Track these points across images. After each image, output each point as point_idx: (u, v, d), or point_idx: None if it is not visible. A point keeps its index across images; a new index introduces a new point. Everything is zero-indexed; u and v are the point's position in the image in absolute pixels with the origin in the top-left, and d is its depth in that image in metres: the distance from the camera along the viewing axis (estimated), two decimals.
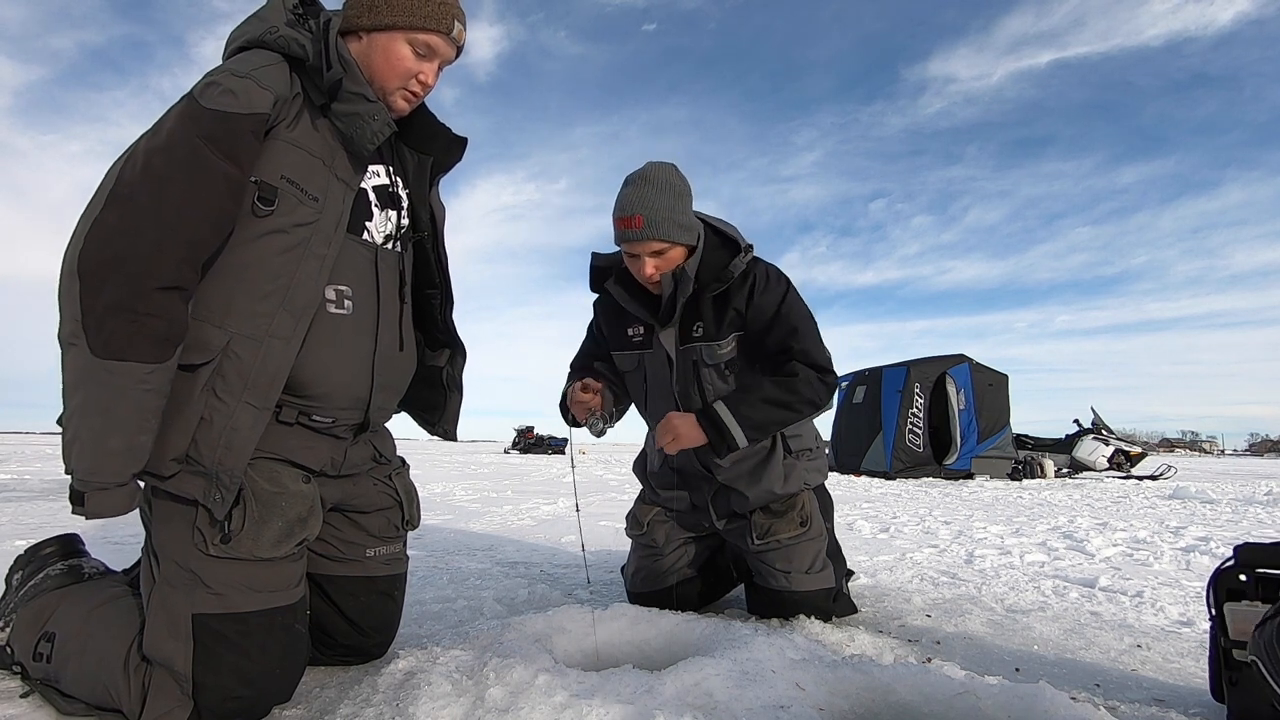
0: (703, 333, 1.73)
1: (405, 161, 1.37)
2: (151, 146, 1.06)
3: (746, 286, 1.71)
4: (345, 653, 1.39)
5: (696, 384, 1.74)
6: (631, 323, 1.83)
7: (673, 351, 1.75)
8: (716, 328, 1.72)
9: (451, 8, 1.26)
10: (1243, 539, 3.01)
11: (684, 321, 1.75)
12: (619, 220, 1.62)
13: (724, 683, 1.14)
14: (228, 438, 1.10)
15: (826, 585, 1.74)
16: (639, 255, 1.64)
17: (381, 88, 1.25)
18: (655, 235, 1.60)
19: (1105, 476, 11.20)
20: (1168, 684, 1.40)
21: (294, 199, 1.16)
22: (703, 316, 1.73)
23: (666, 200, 1.61)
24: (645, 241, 1.61)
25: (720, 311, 1.72)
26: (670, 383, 1.77)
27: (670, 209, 1.61)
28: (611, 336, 1.89)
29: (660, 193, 1.61)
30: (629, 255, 1.67)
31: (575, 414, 1.74)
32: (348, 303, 1.23)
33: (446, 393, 1.50)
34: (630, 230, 1.60)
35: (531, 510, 4.70)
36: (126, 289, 1.00)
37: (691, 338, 1.74)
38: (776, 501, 1.77)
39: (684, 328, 1.75)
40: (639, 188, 1.62)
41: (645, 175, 1.64)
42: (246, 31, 1.20)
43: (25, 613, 1.24)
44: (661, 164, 1.68)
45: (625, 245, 1.65)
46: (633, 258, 1.66)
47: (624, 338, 1.85)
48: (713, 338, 1.72)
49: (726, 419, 1.60)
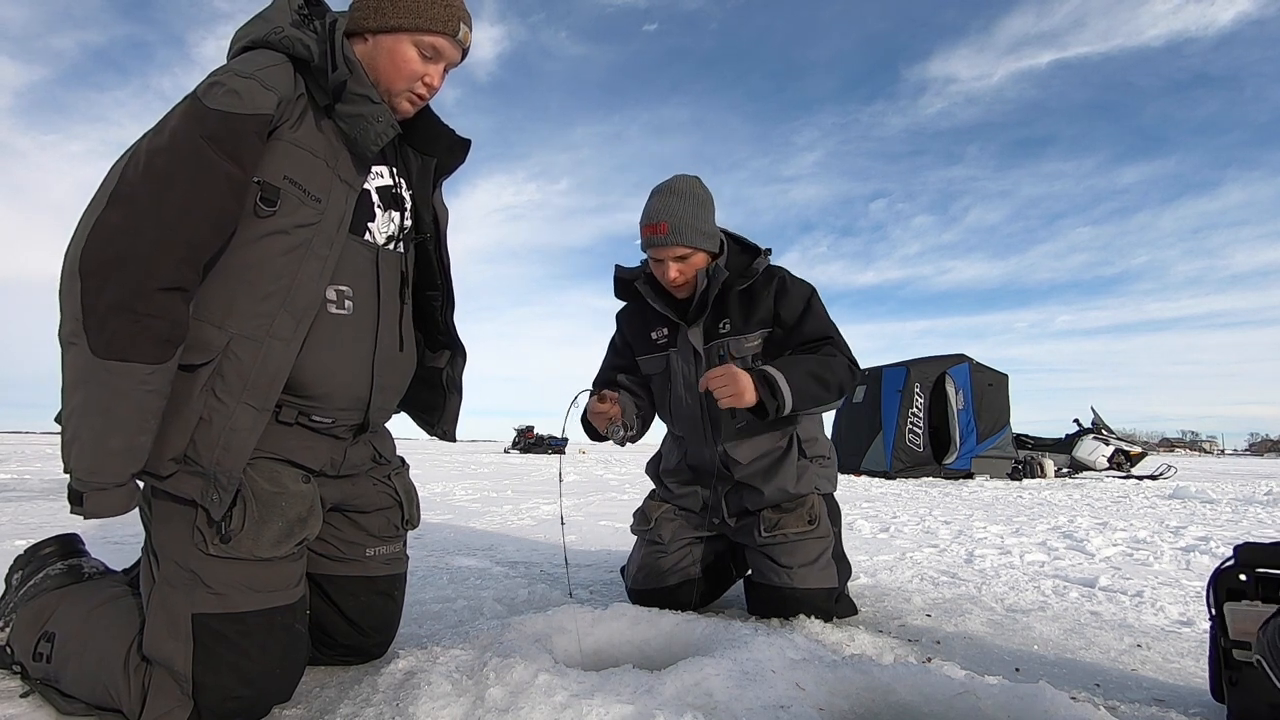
0: (729, 328, 1.81)
1: (409, 162, 1.37)
2: (154, 146, 1.06)
3: (773, 285, 1.80)
4: (345, 653, 1.39)
5: None
6: (655, 326, 1.90)
7: (700, 347, 1.82)
8: (744, 323, 1.80)
9: (458, 10, 1.26)
10: (1243, 539, 3.01)
11: (711, 319, 1.82)
12: (646, 227, 1.73)
13: (724, 683, 1.14)
14: (226, 438, 1.10)
15: (829, 585, 1.75)
16: (663, 260, 1.74)
17: (387, 89, 1.25)
18: (679, 241, 1.70)
19: (1105, 476, 11.20)
20: (1168, 684, 1.40)
21: (296, 200, 1.16)
22: (729, 314, 1.81)
23: (690, 209, 1.72)
24: (670, 247, 1.71)
25: (748, 308, 1.80)
26: (697, 377, 1.81)
27: (694, 217, 1.71)
28: (636, 342, 1.96)
29: (684, 202, 1.72)
30: (654, 261, 1.77)
31: (596, 424, 1.77)
32: (348, 303, 1.23)
33: (446, 394, 1.50)
34: (656, 236, 1.71)
35: (531, 510, 4.70)
36: (128, 289, 1.00)
37: (719, 333, 1.82)
38: (787, 500, 1.80)
39: (710, 325, 1.83)
40: (665, 197, 1.73)
41: (671, 186, 1.75)
42: (251, 31, 1.20)
43: (25, 612, 1.24)
44: (686, 176, 1.79)
45: (651, 251, 1.75)
46: (657, 263, 1.76)
47: (649, 342, 1.92)
48: (740, 332, 1.79)
49: (780, 380, 1.60)
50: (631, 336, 1.97)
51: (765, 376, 1.60)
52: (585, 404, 1.79)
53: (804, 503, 1.80)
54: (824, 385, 1.66)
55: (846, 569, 1.86)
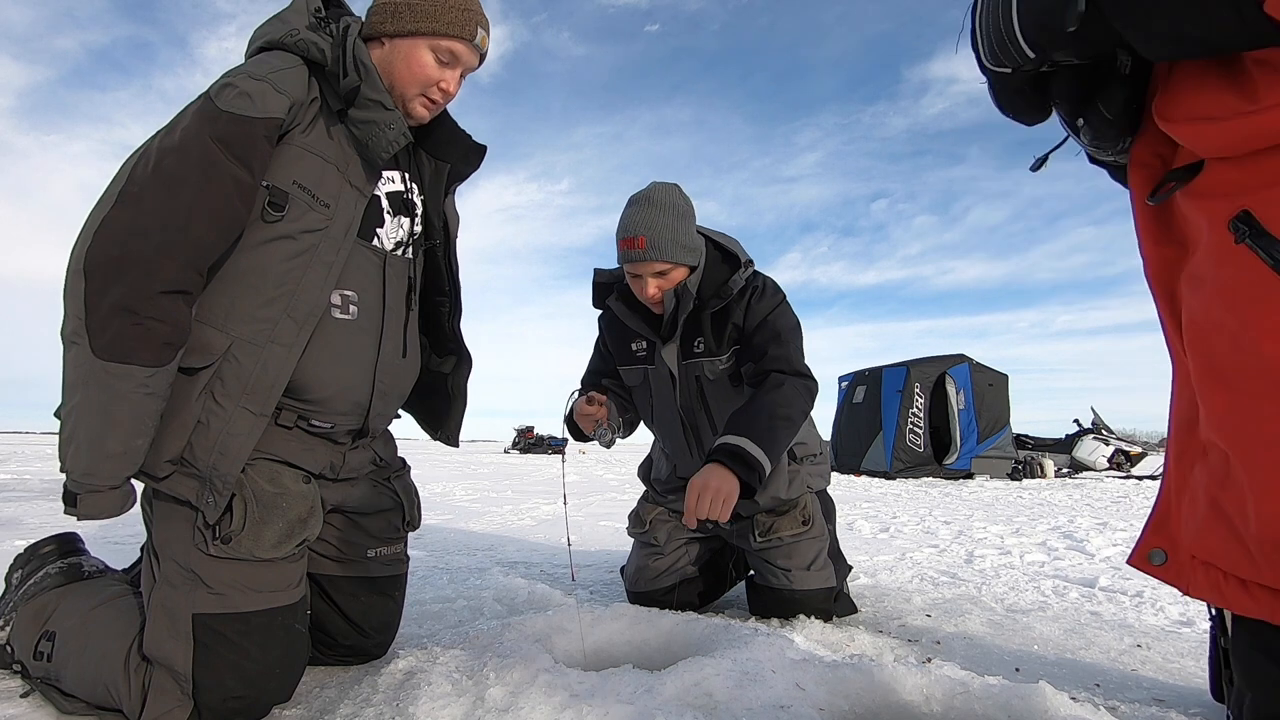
0: (704, 348, 1.76)
1: (422, 167, 1.36)
2: (164, 146, 1.06)
3: (745, 300, 1.74)
4: (345, 653, 1.39)
5: (700, 398, 1.77)
6: (635, 338, 1.86)
7: (675, 367, 1.78)
8: (717, 343, 1.75)
9: (476, 15, 1.25)
10: None
11: (685, 337, 1.78)
12: (623, 241, 1.65)
13: (724, 683, 1.14)
14: (223, 442, 1.10)
15: (827, 584, 1.75)
16: (641, 276, 1.66)
17: (401, 94, 1.24)
18: (658, 257, 1.62)
19: (1105, 476, 11.20)
20: (1168, 684, 1.40)
21: (304, 205, 1.15)
22: (703, 332, 1.75)
23: (669, 221, 1.63)
24: (648, 262, 1.63)
25: (720, 327, 1.75)
26: (674, 398, 1.80)
27: (673, 230, 1.63)
28: (617, 352, 1.92)
29: (663, 214, 1.63)
30: (632, 276, 1.69)
31: (582, 426, 1.74)
32: (353, 308, 1.23)
33: (451, 400, 1.50)
34: (634, 251, 1.63)
35: (531, 510, 4.70)
36: (131, 290, 1.00)
37: (693, 353, 1.77)
38: (780, 505, 1.80)
39: (685, 343, 1.78)
40: (642, 209, 1.64)
41: (649, 196, 1.66)
42: (268, 32, 1.20)
43: (25, 612, 1.24)
44: (665, 184, 1.70)
45: (628, 266, 1.67)
46: (635, 278, 1.69)
47: (629, 353, 1.88)
48: (713, 353, 1.75)
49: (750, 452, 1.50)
50: (613, 345, 1.94)
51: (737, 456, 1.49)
52: (571, 404, 1.77)
53: (796, 504, 1.79)
54: (789, 423, 1.59)
55: (844, 566, 1.86)
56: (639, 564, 1.91)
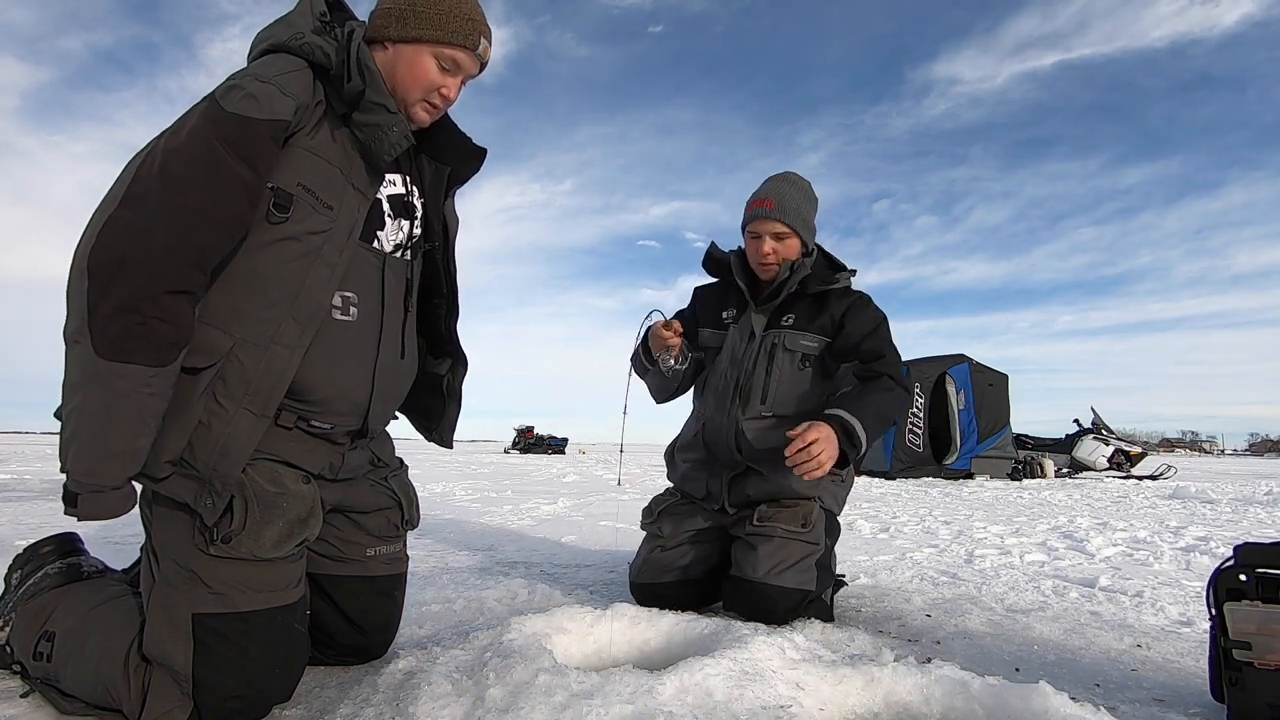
0: (792, 323, 1.89)
1: (423, 170, 1.37)
2: (170, 147, 1.06)
3: (847, 300, 1.89)
4: (345, 653, 1.39)
5: (769, 363, 1.87)
6: (728, 306, 2.00)
7: (759, 330, 1.90)
8: (807, 322, 1.89)
9: (479, 25, 1.26)
10: (1243, 539, 3.01)
11: (778, 311, 1.92)
12: (754, 202, 1.87)
13: (724, 683, 1.14)
14: (224, 443, 1.10)
15: (804, 587, 1.71)
16: (761, 236, 1.85)
17: (403, 98, 1.25)
18: (782, 217, 1.83)
19: (1105, 476, 11.20)
20: (1168, 684, 1.40)
21: (309, 207, 1.16)
22: (796, 311, 1.90)
23: (798, 196, 1.87)
24: (772, 220, 1.83)
25: (815, 312, 1.89)
26: (743, 357, 1.90)
27: (799, 205, 1.86)
28: (705, 316, 2.06)
29: (795, 190, 1.88)
30: (751, 236, 1.88)
31: (653, 345, 1.84)
32: (353, 309, 1.23)
33: (446, 401, 1.50)
34: (762, 209, 1.84)
35: (531, 510, 4.70)
36: (135, 290, 1.00)
37: (780, 325, 1.90)
38: (789, 497, 1.82)
39: (775, 315, 1.92)
40: (778, 182, 1.89)
41: (786, 175, 1.92)
42: (273, 35, 1.20)
43: (25, 612, 1.24)
44: (800, 175, 1.94)
45: (753, 225, 1.86)
46: (754, 238, 1.87)
47: (717, 318, 2.02)
48: (801, 329, 1.88)
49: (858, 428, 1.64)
50: (703, 311, 2.06)
51: (844, 425, 1.64)
52: (650, 325, 1.86)
53: (802, 505, 1.80)
54: (886, 424, 1.73)
55: (828, 579, 1.80)
56: (644, 556, 1.93)
